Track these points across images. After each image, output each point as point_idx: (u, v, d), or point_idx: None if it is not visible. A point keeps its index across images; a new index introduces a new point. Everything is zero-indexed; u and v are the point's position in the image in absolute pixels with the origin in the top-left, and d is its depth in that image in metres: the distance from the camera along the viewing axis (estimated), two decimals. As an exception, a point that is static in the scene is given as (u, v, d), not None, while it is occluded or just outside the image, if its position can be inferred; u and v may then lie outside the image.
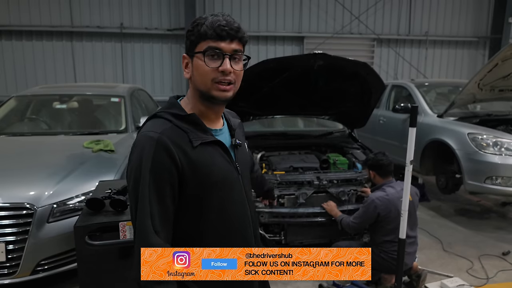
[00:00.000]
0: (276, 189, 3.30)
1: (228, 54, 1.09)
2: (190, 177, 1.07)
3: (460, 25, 10.43)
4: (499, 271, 3.35)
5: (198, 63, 1.10)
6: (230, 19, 1.10)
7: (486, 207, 5.09)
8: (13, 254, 2.62)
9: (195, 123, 1.12)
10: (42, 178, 2.88)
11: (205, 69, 1.08)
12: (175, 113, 1.12)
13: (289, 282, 3.18)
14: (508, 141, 4.04)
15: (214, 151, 1.13)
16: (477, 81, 4.40)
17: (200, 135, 1.11)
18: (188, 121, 1.12)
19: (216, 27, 1.07)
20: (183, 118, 1.12)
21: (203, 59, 1.08)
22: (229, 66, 1.08)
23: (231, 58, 1.10)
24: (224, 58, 1.08)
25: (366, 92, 3.65)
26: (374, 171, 3.08)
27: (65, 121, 4.31)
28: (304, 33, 9.64)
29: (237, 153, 1.23)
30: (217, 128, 1.20)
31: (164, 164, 1.04)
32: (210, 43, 1.08)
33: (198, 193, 1.09)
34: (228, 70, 1.08)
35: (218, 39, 1.08)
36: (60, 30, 8.71)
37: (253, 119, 4.06)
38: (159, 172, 1.03)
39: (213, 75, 1.09)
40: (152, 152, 1.03)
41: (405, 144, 2.66)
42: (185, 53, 1.15)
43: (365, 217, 2.92)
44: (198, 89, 1.13)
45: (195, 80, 1.12)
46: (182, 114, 1.12)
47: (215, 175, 1.11)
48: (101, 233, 2.09)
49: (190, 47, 1.12)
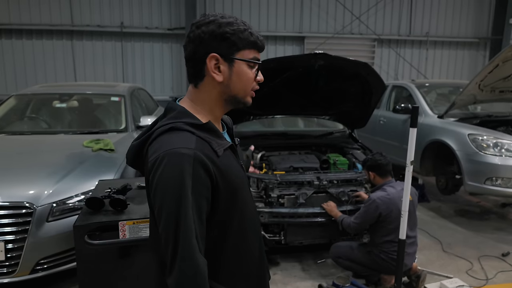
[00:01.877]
0: (276, 189, 3.30)
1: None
2: (222, 185, 1.06)
3: (461, 26, 10.43)
4: (498, 272, 3.35)
5: (243, 70, 1.10)
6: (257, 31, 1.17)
7: (486, 208, 5.08)
8: (13, 253, 2.62)
9: (213, 130, 1.10)
10: (41, 177, 2.88)
11: (251, 77, 1.13)
12: (193, 123, 1.07)
13: (289, 282, 3.18)
14: (508, 142, 4.04)
15: (230, 155, 1.14)
16: (478, 82, 4.40)
17: (219, 142, 1.09)
18: (207, 130, 1.08)
19: (261, 40, 1.13)
20: (202, 128, 1.08)
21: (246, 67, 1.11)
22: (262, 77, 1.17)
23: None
24: (259, 69, 1.15)
25: (367, 92, 3.65)
26: (373, 171, 3.08)
27: (65, 120, 4.31)
28: (305, 33, 9.64)
29: (238, 152, 1.25)
30: (222, 131, 1.22)
31: (204, 181, 1.01)
32: (255, 54, 1.13)
33: (227, 197, 1.08)
34: (261, 81, 1.17)
35: (260, 50, 1.14)
36: (60, 29, 8.71)
37: (253, 119, 4.06)
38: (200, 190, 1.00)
39: (253, 84, 1.15)
40: (192, 170, 0.98)
41: (405, 144, 2.66)
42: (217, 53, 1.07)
43: (366, 217, 2.91)
44: (232, 94, 1.12)
45: (234, 86, 1.11)
46: (200, 123, 1.08)
47: (237, 178, 1.12)
48: (100, 232, 2.09)
49: (231, 51, 1.08)
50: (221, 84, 1.10)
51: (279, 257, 3.56)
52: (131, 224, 2.10)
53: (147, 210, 2.20)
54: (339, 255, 3.12)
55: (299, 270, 3.37)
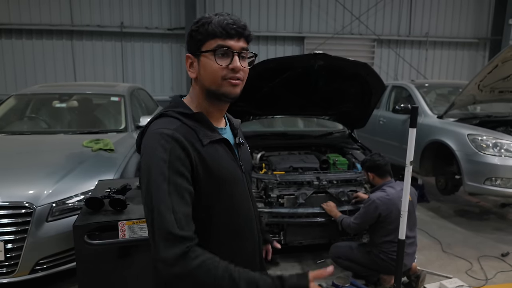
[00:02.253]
0: (276, 189, 3.30)
1: (237, 52, 1.10)
2: (202, 174, 1.07)
3: (461, 26, 10.44)
4: (498, 272, 3.35)
5: (206, 61, 1.10)
6: (236, 17, 1.12)
7: (485, 208, 5.09)
8: (12, 253, 2.62)
9: (203, 121, 1.13)
10: (41, 177, 2.88)
11: (215, 67, 1.09)
12: (182, 111, 1.13)
13: (288, 283, 3.18)
14: (507, 142, 4.04)
15: (221, 149, 1.14)
16: (477, 82, 4.40)
17: (208, 133, 1.12)
18: (196, 119, 1.12)
19: (225, 25, 1.08)
20: (190, 117, 1.12)
21: (213, 57, 1.09)
22: (239, 64, 1.10)
23: (239, 56, 1.11)
24: (233, 56, 1.10)
25: (366, 92, 3.65)
26: (372, 172, 3.08)
27: (64, 120, 4.30)
28: (305, 33, 9.64)
29: (240, 152, 1.25)
30: (221, 127, 1.22)
31: (182, 159, 1.03)
32: (219, 42, 1.08)
33: (209, 190, 1.10)
34: (238, 68, 1.10)
35: (227, 37, 1.09)
36: (60, 29, 8.71)
37: (253, 119, 4.06)
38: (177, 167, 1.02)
39: (223, 73, 1.10)
40: (169, 148, 1.03)
41: (405, 144, 2.67)
42: (189, 53, 1.15)
43: (366, 217, 2.91)
44: (206, 88, 1.13)
45: (204, 79, 1.12)
46: (189, 112, 1.13)
47: (224, 172, 1.12)
48: (100, 232, 2.09)
49: (197, 46, 1.12)
50: (197, 80, 1.15)
51: (278, 257, 3.56)
52: (130, 224, 2.10)
53: (146, 210, 2.21)
54: (338, 255, 3.12)
55: (298, 270, 3.37)
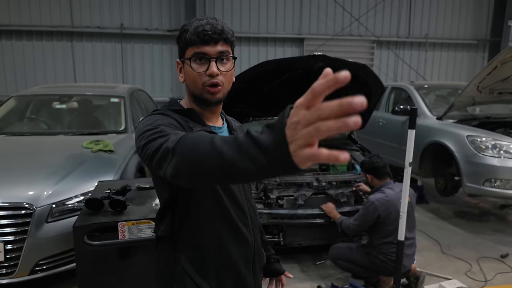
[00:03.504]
0: (275, 190, 3.31)
1: (214, 57, 1.11)
2: None
3: (460, 28, 10.45)
4: (497, 274, 3.36)
5: (187, 69, 1.15)
6: (213, 21, 1.12)
7: (484, 210, 5.09)
8: (12, 254, 2.62)
9: (193, 117, 1.16)
10: (41, 178, 2.88)
11: (194, 74, 1.13)
12: (173, 108, 1.17)
13: (288, 283, 3.18)
14: (507, 143, 4.05)
15: None
16: (476, 84, 4.41)
17: (198, 126, 1.14)
18: (187, 115, 1.16)
19: (199, 32, 1.10)
20: (181, 112, 1.16)
21: (193, 64, 1.12)
22: (215, 69, 1.11)
23: (218, 60, 1.12)
24: (210, 62, 1.11)
25: (366, 94, 3.66)
26: (371, 174, 3.08)
27: (64, 121, 4.31)
28: (304, 34, 9.65)
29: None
30: (216, 125, 1.23)
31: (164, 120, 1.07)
32: (195, 49, 1.11)
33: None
34: (214, 73, 1.11)
35: (202, 44, 1.10)
36: (60, 30, 8.72)
37: (252, 120, 4.06)
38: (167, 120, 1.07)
39: (203, 79, 1.12)
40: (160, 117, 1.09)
41: (404, 146, 2.67)
42: (178, 58, 1.19)
43: (365, 219, 2.92)
44: (191, 92, 1.17)
45: (188, 84, 1.17)
46: (180, 109, 1.17)
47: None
48: (100, 233, 2.09)
49: (181, 53, 1.17)
50: (184, 84, 1.19)
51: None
52: (130, 225, 2.10)
53: (146, 211, 2.21)
54: (338, 256, 3.13)
55: (298, 271, 3.38)
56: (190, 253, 1.15)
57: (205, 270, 1.15)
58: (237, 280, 1.20)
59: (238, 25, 9.33)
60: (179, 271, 1.14)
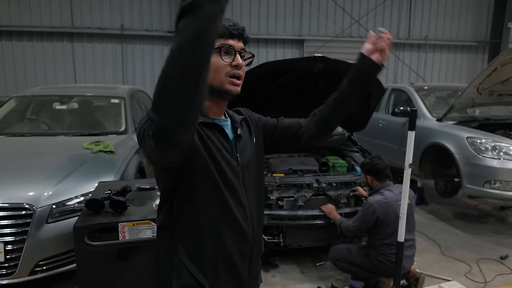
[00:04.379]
0: (275, 191, 3.31)
1: (238, 51, 1.18)
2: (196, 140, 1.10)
3: (460, 30, 10.47)
4: (497, 275, 3.36)
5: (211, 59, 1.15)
6: (234, 20, 1.20)
7: (484, 211, 5.09)
8: (12, 254, 2.62)
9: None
10: (41, 178, 2.88)
11: (220, 64, 1.15)
12: None
13: (288, 284, 3.19)
14: (506, 145, 4.05)
15: (213, 135, 1.18)
16: (476, 86, 4.42)
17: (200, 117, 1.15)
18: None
19: (228, 26, 1.16)
20: None
21: (218, 54, 1.15)
22: (241, 61, 1.18)
23: (241, 54, 1.19)
24: (235, 54, 1.17)
25: (366, 95, 3.66)
26: (371, 175, 3.08)
27: (65, 122, 4.31)
28: (304, 36, 9.67)
29: (239, 145, 1.27)
30: (220, 118, 1.25)
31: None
32: (222, 41, 1.15)
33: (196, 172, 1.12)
34: (241, 64, 1.18)
35: (230, 37, 1.17)
36: (61, 31, 8.74)
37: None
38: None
39: (227, 70, 1.16)
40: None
41: (404, 147, 2.67)
42: None
43: (363, 221, 2.92)
44: (209, 85, 1.16)
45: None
46: None
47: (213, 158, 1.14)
48: (100, 234, 2.09)
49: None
50: None
51: (278, 260, 3.57)
52: (130, 225, 2.11)
53: (147, 211, 2.22)
54: (338, 257, 3.13)
55: (297, 273, 3.38)
56: (187, 244, 1.16)
57: (201, 261, 1.16)
58: (233, 272, 1.21)
59: (238, 26, 9.35)
60: (177, 262, 1.16)
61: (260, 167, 1.36)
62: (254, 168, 1.31)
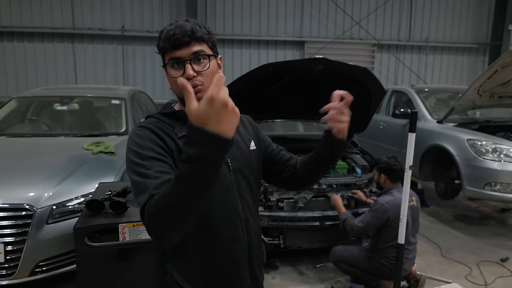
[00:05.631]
0: (276, 193, 3.31)
1: (188, 59, 1.11)
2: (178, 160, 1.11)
3: (460, 32, 10.47)
4: (497, 278, 3.35)
5: (167, 75, 1.17)
6: (183, 23, 1.12)
7: (485, 213, 5.09)
8: (12, 255, 2.62)
9: (181, 118, 1.18)
10: (42, 179, 2.89)
11: (173, 79, 1.14)
12: (164, 112, 1.22)
13: (288, 286, 3.19)
14: (507, 147, 4.05)
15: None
16: (477, 88, 4.42)
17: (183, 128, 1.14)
18: (175, 117, 1.20)
19: (169, 37, 1.10)
20: (170, 115, 1.20)
21: (171, 70, 1.14)
22: (190, 72, 1.10)
23: (194, 60, 1.12)
24: (185, 65, 1.11)
25: (366, 97, 3.66)
26: (386, 175, 3.06)
27: (65, 122, 4.32)
28: (305, 37, 9.68)
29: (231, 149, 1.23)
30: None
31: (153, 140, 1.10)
32: (170, 55, 1.13)
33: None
34: (190, 76, 1.10)
35: (174, 48, 1.11)
36: (62, 32, 8.74)
37: (253, 122, 4.06)
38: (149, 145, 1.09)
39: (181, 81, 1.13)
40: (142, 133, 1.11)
41: (404, 149, 2.67)
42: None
43: (373, 221, 2.89)
44: (178, 96, 1.21)
45: (173, 90, 1.20)
46: (168, 112, 1.22)
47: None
48: (100, 234, 2.09)
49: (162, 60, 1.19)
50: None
51: (278, 261, 3.56)
52: (131, 226, 2.11)
53: (147, 212, 2.22)
54: (339, 259, 3.12)
55: (297, 274, 3.38)
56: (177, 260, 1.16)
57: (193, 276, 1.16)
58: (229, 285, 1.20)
59: (239, 27, 9.36)
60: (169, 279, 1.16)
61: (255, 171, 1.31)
62: (249, 172, 1.27)
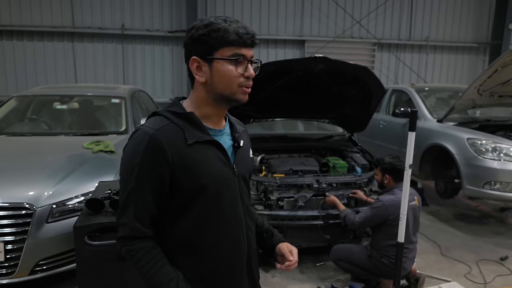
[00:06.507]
0: (276, 192, 3.31)
1: (250, 60, 1.15)
2: (182, 174, 1.09)
3: (461, 31, 10.46)
4: (496, 276, 3.36)
5: (222, 68, 1.12)
6: (245, 25, 1.16)
7: (484, 212, 5.09)
8: (12, 254, 2.62)
9: (192, 121, 1.14)
10: (42, 178, 2.89)
11: (233, 75, 1.12)
12: (173, 111, 1.15)
13: (288, 284, 3.19)
14: (507, 146, 4.05)
15: (208, 150, 1.14)
16: (477, 87, 4.42)
17: (196, 133, 1.13)
18: (186, 118, 1.14)
19: (242, 34, 1.11)
20: (181, 116, 1.14)
21: (229, 65, 1.11)
22: (253, 72, 1.15)
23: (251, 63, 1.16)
24: (247, 64, 1.14)
25: (366, 96, 3.67)
26: (390, 175, 3.07)
27: (65, 121, 4.31)
28: (305, 36, 9.67)
29: (236, 155, 1.23)
30: (217, 128, 1.22)
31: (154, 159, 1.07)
32: (235, 50, 1.11)
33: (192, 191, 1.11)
34: (253, 75, 1.15)
35: (242, 45, 1.12)
36: (62, 31, 8.73)
37: (253, 121, 4.07)
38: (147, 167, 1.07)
39: (240, 80, 1.13)
40: (144, 147, 1.07)
41: (404, 148, 2.67)
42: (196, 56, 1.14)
43: (373, 218, 2.92)
44: (219, 93, 1.15)
45: (217, 85, 1.14)
46: (179, 111, 1.15)
47: (207, 174, 1.12)
48: (100, 233, 2.10)
49: (208, 51, 1.13)
50: (204, 84, 1.15)
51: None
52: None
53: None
54: (339, 257, 3.13)
55: (297, 273, 3.38)
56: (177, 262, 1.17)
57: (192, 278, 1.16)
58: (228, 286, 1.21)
59: (239, 26, 9.34)
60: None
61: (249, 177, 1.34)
62: (246, 176, 1.29)
